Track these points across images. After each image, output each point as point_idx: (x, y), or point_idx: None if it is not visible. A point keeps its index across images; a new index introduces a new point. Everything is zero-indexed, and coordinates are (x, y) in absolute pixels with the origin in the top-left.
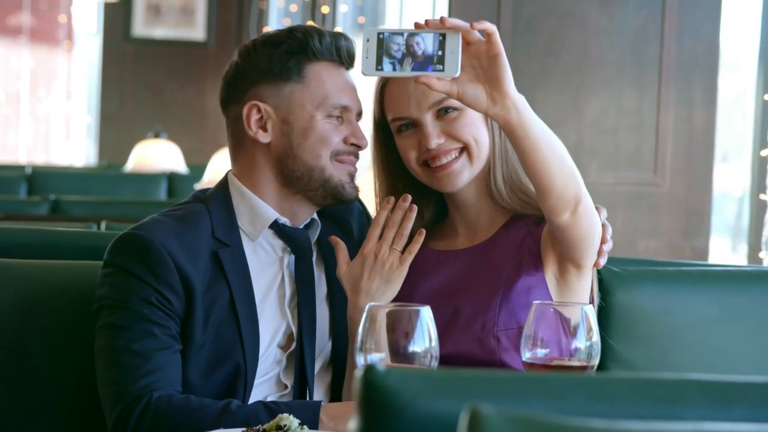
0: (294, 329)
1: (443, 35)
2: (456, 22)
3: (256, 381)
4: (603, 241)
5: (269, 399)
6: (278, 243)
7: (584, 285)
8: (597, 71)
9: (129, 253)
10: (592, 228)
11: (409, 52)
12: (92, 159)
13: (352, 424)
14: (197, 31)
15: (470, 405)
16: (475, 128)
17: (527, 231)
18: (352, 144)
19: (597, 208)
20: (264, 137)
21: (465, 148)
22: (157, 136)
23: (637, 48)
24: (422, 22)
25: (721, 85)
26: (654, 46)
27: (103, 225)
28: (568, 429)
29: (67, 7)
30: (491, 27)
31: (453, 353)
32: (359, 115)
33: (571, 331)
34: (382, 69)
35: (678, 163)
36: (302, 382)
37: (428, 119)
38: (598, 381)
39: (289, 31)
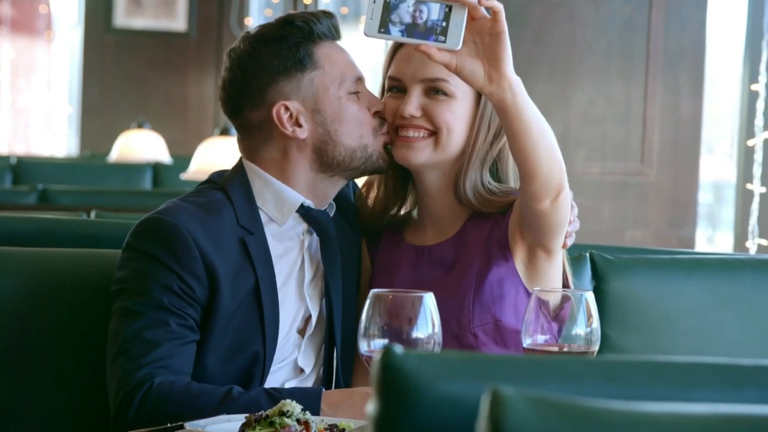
0: (312, 312)
1: (450, 7)
2: None
3: (274, 367)
4: (569, 222)
5: (286, 384)
6: (301, 226)
7: (555, 269)
8: (584, 61)
9: (154, 237)
10: (566, 216)
11: (414, 19)
12: (73, 149)
13: (371, 406)
14: (178, 22)
15: (491, 387)
16: (454, 119)
17: (494, 222)
18: (376, 113)
19: None
20: (301, 133)
21: (435, 133)
22: (140, 126)
23: (624, 38)
24: None
25: (708, 75)
26: (641, 37)
27: (93, 214)
28: (587, 410)
29: None
30: (498, 5)
31: None
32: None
33: (571, 318)
34: (384, 32)
35: (665, 153)
36: (328, 365)
37: (416, 90)
38: (612, 364)
39: (285, 23)
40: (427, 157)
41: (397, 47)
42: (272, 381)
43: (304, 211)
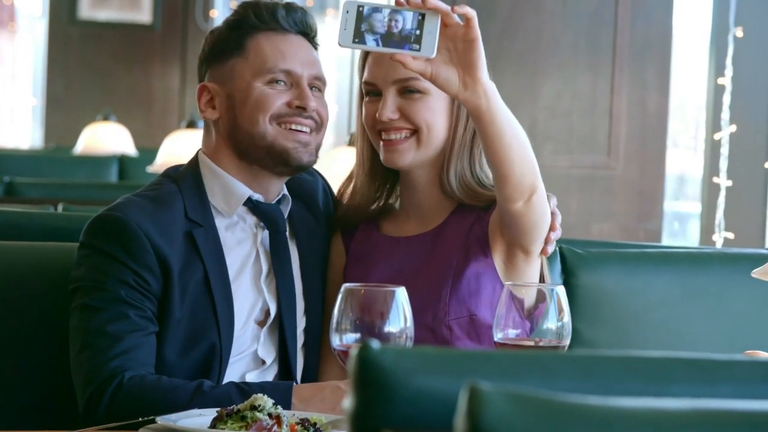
0: (271, 304)
1: (423, 15)
2: (437, 3)
3: (233, 358)
4: (552, 229)
5: (247, 376)
6: (252, 219)
7: (533, 270)
8: (551, 55)
9: (105, 234)
10: (543, 216)
11: (388, 28)
12: (38, 142)
13: (347, 402)
14: (143, 14)
15: (469, 382)
16: (432, 115)
17: (476, 217)
18: (297, 107)
19: (548, 196)
20: (212, 114)
21: (416, 132)
22: (106, 118)
23: (591, 32)
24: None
25: (674, 68)
26: (608, 30)
27: (60, 207)
28: (565, 406)
29: None
30: (471, 12)
31: None
32: (318, 80)
33: (543, 312)
34: (358, 42)
35: (631, 147)
36: (284, 358)
37: (390, 92)
38: (590, 359)
39: (236, 9)
40: (413, 156)
41: (366, 54)
42: (232, 372)
43: (252, 205)
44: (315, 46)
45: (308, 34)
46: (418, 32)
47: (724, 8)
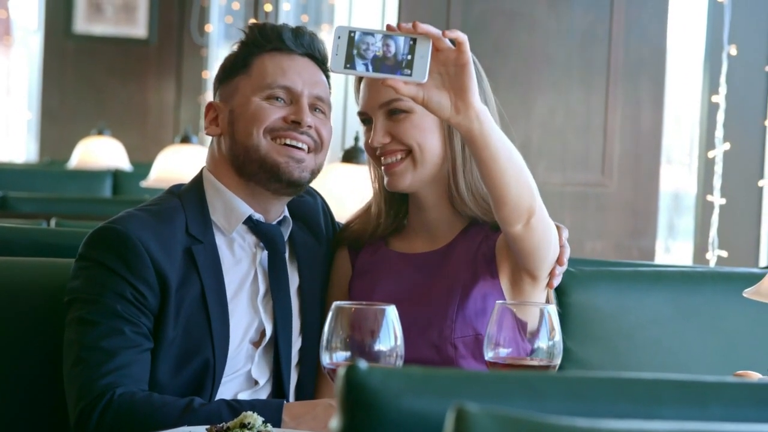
0: (267, 325)
1: (414, 40)
2: (428, 28)
3: (226, 377)
4: (559, 263)
5: (239, 395)
6: (251, 239)
7: (539, 296)
8: (545, 72)
9: (105, 246)
10: (545, 241)
11: (379, 53)
12: (33, 155)
13: (334, 422)
14: (139, 28)
15: (456, 404)
16: (421, 133)
17: (484, 237)
18: (293, 122)
19: (558, 228)
20: (214, 131)
21: (410, 152)
22: (100, 133)
23: (584, 49)
24: (394, 24)
25: (668, 86)
26: (602, 47)
27: (53, 222)
28: (552, 427)
29: (6, 2)
30: (462, 36)
31: (410, 359)
32: (320, 100)
33: (534, 331)
34: (350, 68)
35: (625, 164)
36: (278, 378)
37: (379, 117)
38: (579, 380)
39: (245, 30)
40: (411, 178)
41: (359, 81)
42: (224, 391)
43: (252, 224)
44: (324, 70)
45: (316, 57)
46: (409, 57)
47: (717, 26)
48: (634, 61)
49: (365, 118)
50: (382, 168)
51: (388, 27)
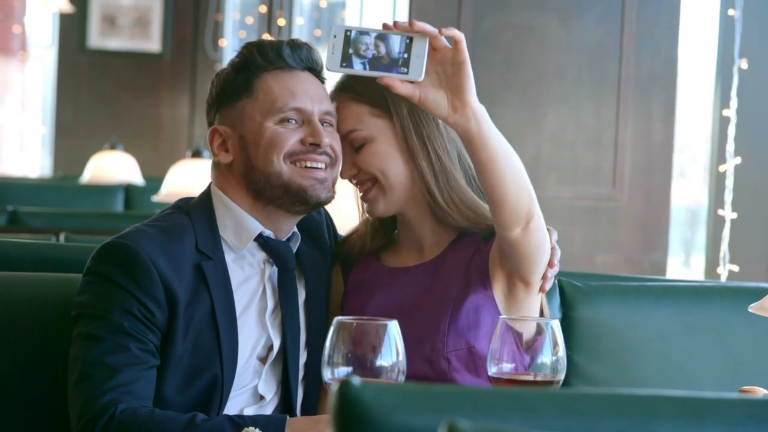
0: (275, 340)
1: (410, 38)
2: (424, 26)
3: (233, 393)
4: (550, 265)
5: (245, 411)
6: (261, 255)
7: (533, 303)
8: (555, 85)
9: (114, 262)
10: (541, 245)
11: (375, 52)
12: (47, 170)
13: None
14: (153, 43)
15: (447, 420)
16: (380, 160)
17: (476, 248)
18: (311, 144)
19: (548, 230)
20: (225, 158)
21: (376, 180)
22: (113, 147)
23: (595, 63)
24: (391, 23)
25: (679, 100)
26: (612, 61)
27: (62, 237)
28: None
29: (21, 17)
30: (459, 35)
31: None
32: (329, 115)
33: (537, 346)
34: (346, 66)
35: (636, 178)
36: (285, 393)
37: (345, 150)
38: (573, 397)
39: (240, 51)
40: (385, 203)
41: None
42: (231, 407)
43: (263, 241)
44: (322, 80)
45: (315, 70)
46: (405, 56)
47: (729, 40)
48: (645, 75)
49: None
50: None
51: (385, 25)
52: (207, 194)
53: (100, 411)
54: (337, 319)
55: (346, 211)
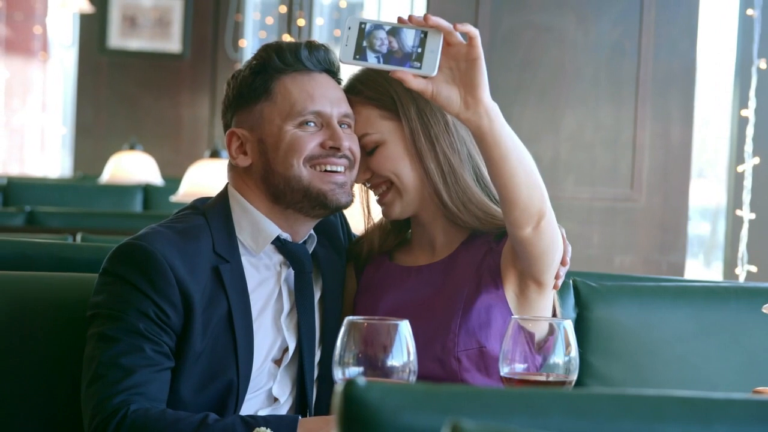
0: (290, 343)
1: (425, 33)
2: (439, 21)
3: (248, 395)
4: (562, 263)
5: (259, 413)
6: (277, 257)
7: (545, 303)
8: (573, 86)
9: (130, 263)
10: (553, 244)
11: (389, 45)
12: (67, 170)
13: None
14: (173, 43)
15: (451, 420)
16: (392, 162)
17: (488, 248)
18: (331, 147)
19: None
20: (244, 161)
21: (391, 182)
22: (132, 147)
23: (613, 63)
24: (406, 17)
25: (698, 100)
26: (631, 62)
27: (78, 237)
28: None
29: (43, 18)
30: (473, 30)
31: None
32: (347, 117)
33: (549, 347)
34: (359, 58)
35: (654, 178)
36: (300, 394)
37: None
38: (579, 397)
39: (257, 52)
40: (401, 206)
41: None
42: (246, 409)
43: (280, 244)
44: (339, 81)
45: (332, 71)
46: (419, 50)
47: (747, 40)
48: (664, 75)
49: None
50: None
51: (399, 19)
52: (224, 195)
53: (112, 411)
54: (348, 318)
55: (349, 213)
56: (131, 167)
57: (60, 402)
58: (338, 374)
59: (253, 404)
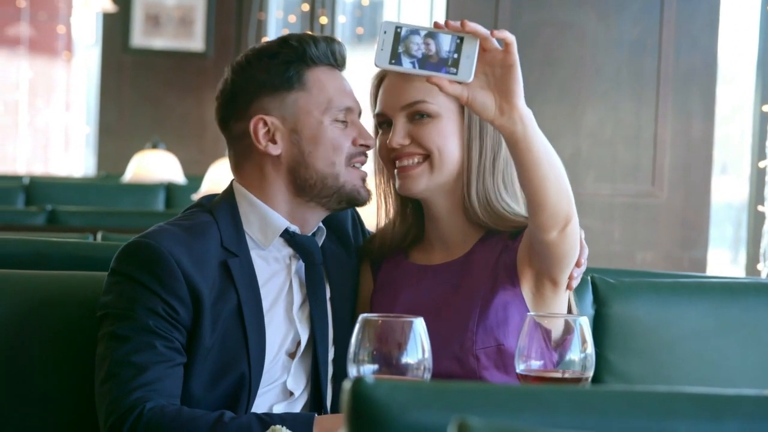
0: (303, 335)
1: (461, 39)
2: (476, 27)
3: (262, 389)
4: (577, 264)
5: (274, 407)
6: (287, 250)
7: (561, 301)
8: (594, 83)
9: (137, 261)
10: (575, 248)
11: (425, 50)
12: (91, 170)
13: None
14: (196, 42)
15: (458, 417)
16: (443, 139)
17: (503, 246)
18: (361, 145)
19: None
20: (274, 149)
21: (428, 156)
22: (155, 146)
23: (634, 59)
24: (442, 22)
25: (719, 96)
26: (652, 58)
27: (99, 236)
28: None
29: (66, 17)
30: (510, 37)
31: (432, 371)
32: (360, 115)
33: (565, 343)
34: (395, 63)
35: (676, 175)
36: (315, 387)
37: (400, 119)
38: (588, 394)
39: (283, 41)
40: (426, 182)
41: (378, 85)
42: (260, 403)
43: (288, 236)
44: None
45: (343, 69)
46: (455, 56)
47: None
48: (685, 71)
49: (383, 120)
50: (396, 171)
51: (436, 24)
52: (230, 192)
53: (127, 409)
54: (362, 316)
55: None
56: (154, 166)
57: (81, 400)
58: (353, 372)
59: (267, 398)
